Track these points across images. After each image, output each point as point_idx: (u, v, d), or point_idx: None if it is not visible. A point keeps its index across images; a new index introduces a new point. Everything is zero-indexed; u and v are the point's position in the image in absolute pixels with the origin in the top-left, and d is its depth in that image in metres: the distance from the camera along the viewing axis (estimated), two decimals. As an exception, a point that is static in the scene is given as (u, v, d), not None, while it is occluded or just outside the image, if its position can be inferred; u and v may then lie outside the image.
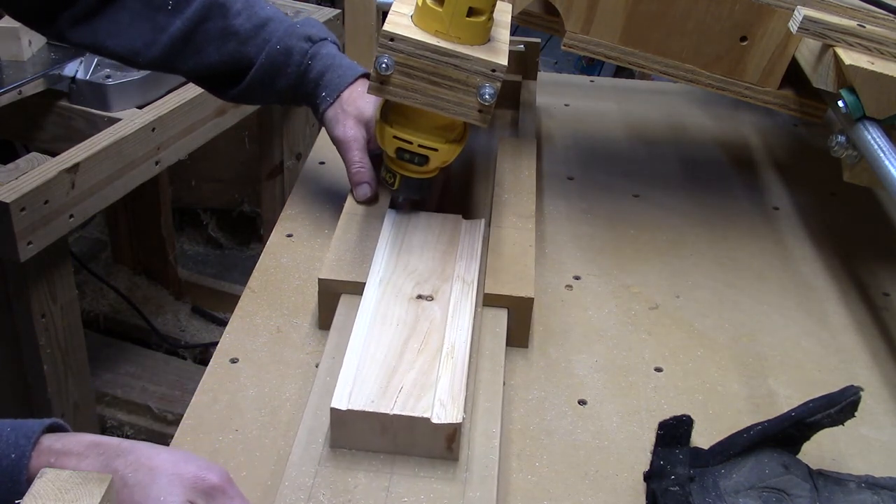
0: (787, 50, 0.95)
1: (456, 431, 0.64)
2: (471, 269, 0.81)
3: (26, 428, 0.57)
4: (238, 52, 0.90)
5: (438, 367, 0.69)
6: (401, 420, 0.64)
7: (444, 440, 0.65)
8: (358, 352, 0.70)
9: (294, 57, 0.90)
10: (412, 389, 0.66)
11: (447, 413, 0.65)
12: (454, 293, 0.78)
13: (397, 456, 0.66)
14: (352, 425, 0.65)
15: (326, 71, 0.90)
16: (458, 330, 0.73)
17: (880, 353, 0.87)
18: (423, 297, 0.77)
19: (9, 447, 0.56)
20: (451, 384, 0.67)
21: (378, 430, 0.65)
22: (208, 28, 0.89)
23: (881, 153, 0.81)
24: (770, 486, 0.64)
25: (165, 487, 0.55)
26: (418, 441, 0.65)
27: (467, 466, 0.65)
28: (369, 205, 0.91)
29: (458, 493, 0.63)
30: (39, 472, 0.55)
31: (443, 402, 0.65)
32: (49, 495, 0.56)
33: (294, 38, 0.90)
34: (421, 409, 0.65)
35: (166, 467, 0.57)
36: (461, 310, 0.76)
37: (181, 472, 0.57)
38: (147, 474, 0.56)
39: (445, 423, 0.64)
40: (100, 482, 0.56)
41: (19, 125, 1.42)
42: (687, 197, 1.10)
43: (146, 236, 2.00)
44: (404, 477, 0.64)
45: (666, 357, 0.84)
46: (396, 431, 0.65)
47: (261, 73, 0.90)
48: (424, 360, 0.70)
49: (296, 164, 1.89)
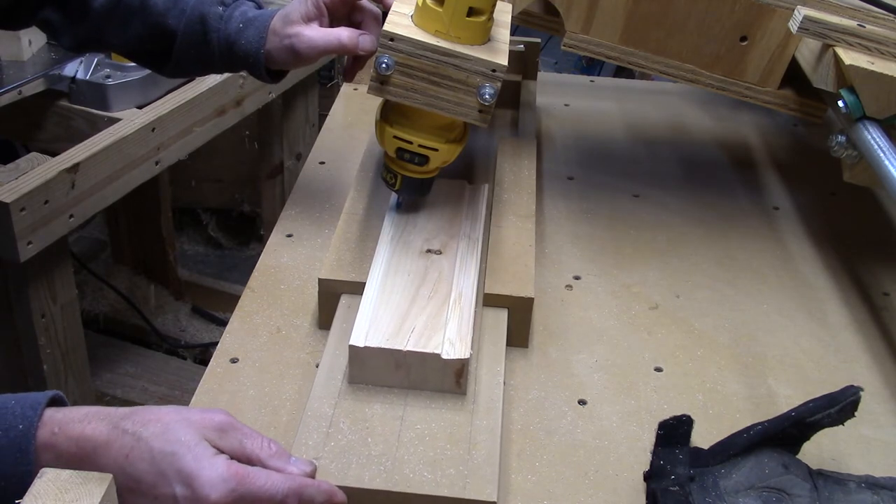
0: (787, 50, 0.95)
1: (464, 367, 0.71)
2: (475, 228, 0.87)
3: (31, 399, 0.58)
4: (160, 24, 0.89)
5: (447, 312, 0.75)
6: (413, 356, 0.70)
7: (454, 375, 0.71)
8: (373, 298, 0.76)
9: (210, 23, 0.88)
10: (423, 330, 0.72)
11: (456, 350, 0.71)
12: (460, 248, 0.84)
13: (410, 390, 0.72)
14: (368, 361, 0.71)
15: (246, 28, 0.88)
16: (465, 280, 0.79)
17: (880, 353, 0.87)
18: (432, 251, 0.83)
19: (15, 418, 0.57)
20: (458, 326, 0.73)
21: (392, 366, 0.71)
22: (130, 1, 0.89)
23: (881, 153, 0.81)
24: (770, 485, 0.64)
25: (180, 431, 0.58)
26: (429, 376, 0.71)
27: (474, 399, 0.71)
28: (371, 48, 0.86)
29: (466, 421, 0.69)
30: (40, 473, 0.55)
31: (451, 341, 0.72)
32: (49, 495, 0.56)
33: (207, 5, 0.89)
34: (432, 346, 0.71)
35: (173, 416, 0.59)
36: (467, 263, 0.82)
37: (188, 417, 0.60)
38: (158, 425, 0.58)
39: (454, 358, 0.70)
40: (100, 482, 0.56)
41: (19, 125, 1.42)
42: (687, 197, 1.10)
43: (146, 236, 2.00)
44: (417, 408, 0.70)
45: (666, 357, 0.84)
46: (409, 367, 0.71)
47: (185, 45, 0.90)
48: (434, 305, 0.76)
49: (296, 164, 1.89)
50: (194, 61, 0.91)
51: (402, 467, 0.65)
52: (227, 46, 0.88)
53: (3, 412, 0.57)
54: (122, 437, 0.58)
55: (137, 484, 0.57)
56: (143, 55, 0.94)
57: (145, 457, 0.57)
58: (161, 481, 0.57)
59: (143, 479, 0.57)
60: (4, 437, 0.56)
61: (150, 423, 0.59)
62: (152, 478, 0.57)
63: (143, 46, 0.92)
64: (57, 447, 0.58)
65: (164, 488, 0.57)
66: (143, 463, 0.57)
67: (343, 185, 1.05)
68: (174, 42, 0.90)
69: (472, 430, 0.69)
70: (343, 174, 1.08)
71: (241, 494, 0.58)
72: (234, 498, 0.57)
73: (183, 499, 0.57)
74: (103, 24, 0.90)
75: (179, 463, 0.57)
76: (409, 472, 0.65)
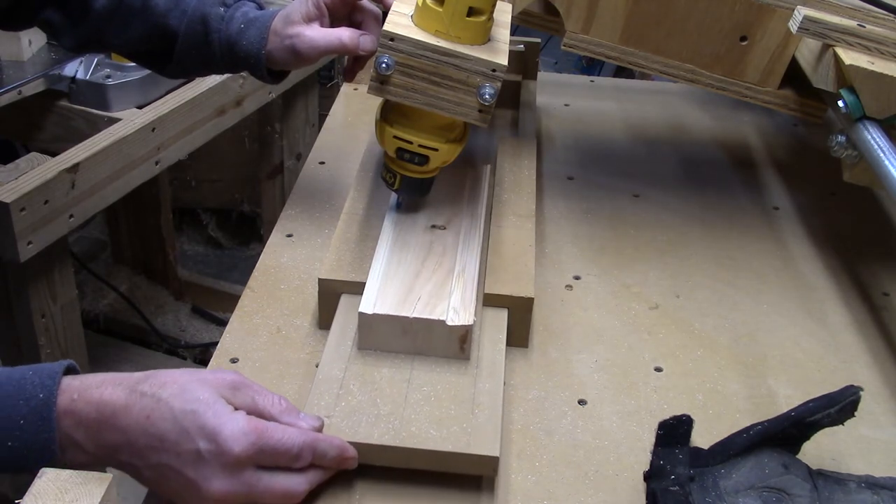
0: (787, 50, 0.95)
1: (468, 333, 0.74)
2: (478, 206, 0.91)
3: (47, 370, 0.60)
4: (161, 25, 0.89)
5: (452, 283, 0.78)
6: (419, 322, 0.74)
7: (458, 341, 0.74)
8: (380, 270, 0.79)
9: (211, 24, 0.88)
10: (429, 299, 0.76)
11: (460, 317, 0.74)
12: (464, 225, 0.87)
13: (416, 356, 0.75)
14: (377, 328, 0.74)
15: (247, 29, 0.88)
16: (468, 254, 0.83)
17: (880, 353, 0.87)
18: (437, 227, 0.87)
19: (35, 388, 0.59)
20: (462, 296, 0.77)
21: (399, 332, 0.74)
22: (131, 2, 0.89)
23: (881, 153, 0.81)
24: (770, 485, 0.64)
25: (198, 390, 0.61)
26: (435, 342, 0.74)
27: (477, 364, 0.75)
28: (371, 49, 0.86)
29: (469, 384, 0.72)
30: (40, 473, 0.55)
31: (456, 309, 0.75)
32: (49, 495, 0.56)
33: (208, 5, 0.89)
34: (437, 313, 0.74)
35: (188, 377, 0.62)
36: (470, 238, 0.85)
37: (202, 377, 0.63)
38: (175, 386, 0.61)
39: (458, 324, 0.73)
40: (100, 482, 0.56)
41: (19, 125, 1.42)
42: (687, 197, 1.10)
43: (146, 236, 2.00)
44: (423, 371, 0.73)
45: (666, 357, 0.84)
46: (416, 333, 0.74)
47: (186, 46, 0.90)
48: (439, 277, 0.79)
49: (296, 164, 1.89)
50: (195, 62, 0.91)
51: (408, 425, 0.68)
52: (229, 47, 0.88)
53: (22, 383, 0.59)
54: (140, 399, 0.60)
55: (161, 442, 0.60)
56: (143, 56, 0.94)
57: (167, 416, 0.60)
58: (184, 438, 0.60)
59: (166, 437, 0.60)
60: (26, 406, 0.58)
61: (167, 384, 0.61)
62: (175, 435, 0.60)
63: (144, 47, 0.92)
64: (77, 413, 0.60)
65: (187, 444, 0.60)
66: (165, 422, 0.60)
67: (343, 185, 1.05)
68: (175, 42, 0.90)
69: (475, 392, 0.71)
70: (343, 174, 1.08)
71: (261, 447, 0.61)
72: (254, 451, 0.60)
73: (207, 453, 0.60)
74: (104, 24, 0.90)
75: (201, 420, 0.60)
76: (416, 429, 0.67)
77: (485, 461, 0.66)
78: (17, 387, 0.59)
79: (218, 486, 0.60)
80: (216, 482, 0.60)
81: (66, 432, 0.60)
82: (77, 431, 0.60)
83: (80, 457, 0.61)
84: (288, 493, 0.63)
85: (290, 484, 0.63)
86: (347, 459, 0.65)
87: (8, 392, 0.59)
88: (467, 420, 0.69)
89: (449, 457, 0.66)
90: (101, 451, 0.61)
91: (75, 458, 0.61)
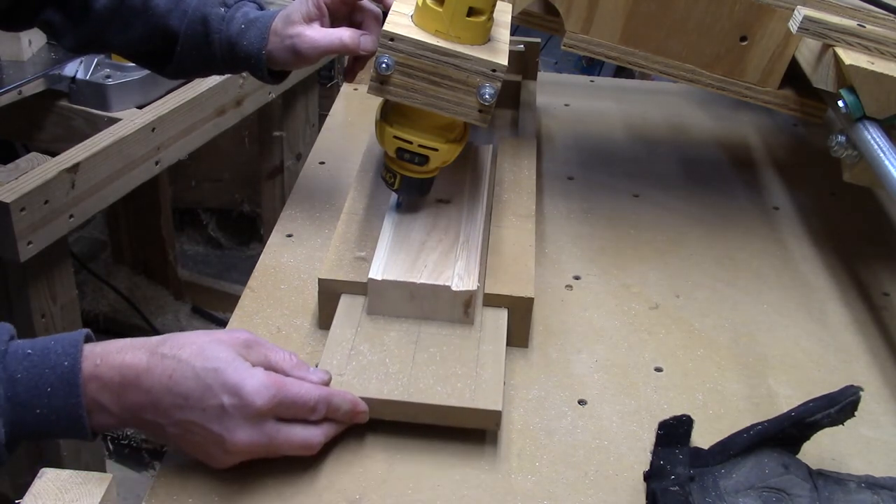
0: (787, 50, 0.95)
1: (472, 298, 0.78)
2: (481, 182, 0.94)
3: (68, 339, 0.63)
4: (162, 26, 0.89)
5: (456, 252, 0.82)
6: (426, 288, 0.77)
7: (462, 305, 0.78)
8: (388, 241, 0.83)
9: (212, 24, 0.88)
10: (435, 267, 0.80)
11: (464, 283, 0.78)
12: (467, 199, 0.91)
13: (423, 320, 0.79)
14: (385, 293, 0.78)
15: (247, 29, 0.88)
16: (472, 226, 0.86)
17: (880, 353, 0.87)
18: (442, 201, 0.90)
19: (59, 356, 0.62)
20: (466, 264, 0.81)
21: (407, 298, 0.78)
22: (132, 2, 0.89)
23: (881, 153, 0.81)
24: (770, 486, 0.64)
25: (215, 349, 0.65)
26: (440, 307, 0.78)
27: (481, 328, 0.78)
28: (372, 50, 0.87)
29: (473, 346, 0.76)
30: (40, 473, 0.55)
31: (460, 276, 0.79)
32: (49, 495, 0.56)
33: (209, 6, 0.89)
34: (443, 279, 0.78)
35: (204, 338, 0.66)
36: (474, 212, 0.89)
37: (218, 337, 0.66)
38: (193, 347, 0.65)
39: (463, 290, 0.77)
40: (100, 482, 0.56)
41: (19, 125, 1.42)
42: (687, 197, 1.10)
43: (146, 236, 2.00)
44: (429, 334, 0.77)
45: (666, 357, 0.84)
46: (422, 298, 0.78)
47: (187, 46, 0.90)
48: (444, 246, 0.83)
49: (296, 164, 1.89)
50: (196, 62, 0.91)
51: (416, 382, 0.72)
52: (229, 47, 0.88)
53: (46, 352, 0.62)
54: (162, 361, 0.63)
55: (185, 400, 0.63)
56: (144, 56, 0.94)
57: (189, 375, 0.63)
58: (208, 394, 0.63)
59: (190, 394, 0.63)
60: (53, 373, 0.61)
61: (186, 346, 0.64)
62: (199, 392, 0.63)
63: (144, 47, 0.92)
64: (101, 377, 0.63)
65: (211, 400, 0.63)
66: (188, 381, 0.63)
67: (343, 185, 1.05)
68: (176, 43, 0.90)
69: (479, 354, 0.75)
70: (343, 174, 1.08)
71: (280, 400, 0.65)
72: (275, 403, 0.64)
73: (231, 407, 0.63)
74: (105, 25, 0.90)
75: (223, 376, 0.63)
76: (423, 386, 0.71)
77: (488, 415, 0.70)
78: (42, 356, 0.62)
79: (242, 437, 0.64)
80: (240, 433, 0.64)
81: (91, 396, 0.62)
82: (102, 395, 0.63)
83: (106, 419, 0.64)
84: (305, 443, 0.67)
85: (307, 435, 0.67)
86: (359, 413, 0.70)
87: (34, 362, 0.61)
88: (471, 378, 0.73)
89: (454, 411, 0.70)
90: (125, 413, 0.64)
91: (101, 422, 0.64)
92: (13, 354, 0.62)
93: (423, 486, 0.68)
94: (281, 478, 0.68)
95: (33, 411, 0.61)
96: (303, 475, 0.68)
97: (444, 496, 0.67)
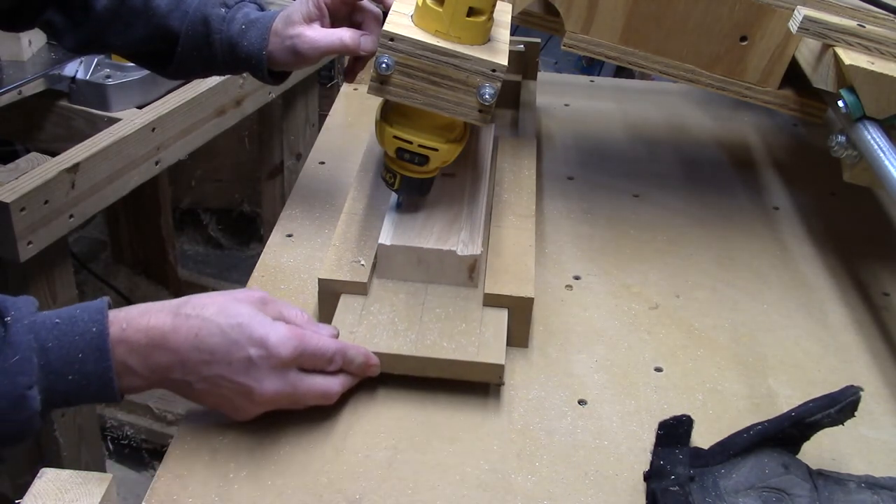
0: (787, 50, 0.95)
1: (476, 262, 0.82)
2: (484, 156, 0.98)
3: (92, 307, 0.65)
4: (162, 26, 0.90)
5: (461, 221, 0.86)
6: (433, 253, 0.82)
7: (467, 270, 0.82)
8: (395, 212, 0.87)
9: (213, 25, 0.88)
10: (441, 234, 0.84)
11: (468, 248, 0.82)
12: (469, 173, 0.94)
13: (430, 284, 0.83)
14: (394, 258, 0.82)
15: (248, 30, 0.88)
16: (475, 198, 0.90)
17: (880, 353, 0.87)
18: (447, 175, 0.93)
19: (86, 323, 0.64)
20: (471, 231, 0.85)
21: (415, 262, 0.82)
22: (133, 3, 0.89)
23: (881, 153, 0.81)
24: (770, 486, 0.64)
25: (236, 307, 0.68)
26: (446, 271, 0.82)
27: (484, 292, 0.81)
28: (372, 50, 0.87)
29: (477, 308, 0.80)
30: (40, 473, 0.55)
31: (465, 242, 0.83)
32: (49, 495, 0.56)
33: (209, 6, 0.89)
34: (449, 245, 0.82)
35: (223, 298, 0.69)
36: (477, 185, 0.92)
37: (236, 296, 0.70)
38: (214, 306, 0.68)
39: (468, 255, 0.82)
40: (100, 482, 0.56)
41: (19, 125, 1.42)
42: (687, 197, 1.11)
43: (146, 236, 2.00)
44: (436, 296, 0.82)
45: (666, 357, 0.84)
46: (429, 263, 0.82)
47: (187, 47, 0.90)
48: (449, 216, 0.87)
49: (296, 164, 1.89)
50: (196, 63, 0.91)
51: (424, 339, 0.76)
52: (230, 48, 0.88)
53: (74, 320, 0.64)
54: (187, 320, 0.67)
55: (212, 355, 0.67)
56: (145, 56, 0.94)
57: (215, 331, 0.67)
58: (234, 348, 0.67)
59: (216, 350, 0.66)
60: (82, 340, 0.63)
61: (207, 305, 0.68)
62: (226, 347, 0.67)
63: (145, 48, 0.92)
64: (128, 340, 0.65)
65: (238, 353, 0.67)
66: (214, 337, 0.66)
67: (343, 185, 1.05)
68: (176, 44, 0.90)
69: (482, 315, 0.79)
70: (343, 174, 1.08)
71: (302, 351, 0.69)
72: (297, 353, 0.68)
73: (258, 358, 0.67)
74: (106, 25, 0.90)
75: (248, 330, 0.67)
76: (430, 342, 0.76)
77: (491, 368, 0.75)
78: (70, 324, 0.64)
79: (269, 387, 0.68)
80: (267, 382, 0.68)
81: (120, 360, 0.65)
82: (130, 357, 0.65)
83: (134, 381, 0.66)
84: (325, 392, 0.71)
85: (326, 384, 0.71)
86: (371, 366, 0.74)
87: (63, 330, 0.63)
88: (476, 334, 0.77)
89: (459, 365, 0.75)
90: (153, 374, 0.66)
91: (130, 384, 0.66)
92: (42, 325, 0.63)
93: (422, 486, 0.68)
94: (281, 477, 0.68)
95: (65, 378, 0.63)
96: (303, 475, 0.68)
97: (444, 496, 0.68)
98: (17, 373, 0.61)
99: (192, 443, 0.71)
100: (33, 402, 0.61)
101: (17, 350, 0.61)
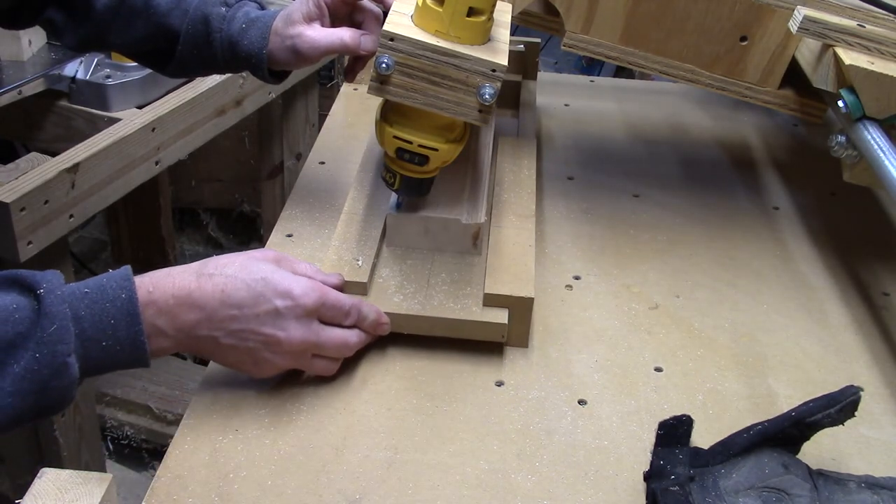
0: (787, 50, 0.95)
1: (479, 230, 0.86)
2: (487, 133, 1.02)
3: (119, 274, 0.68)
4: (163, 25, 0.90)
5: (465, 192, 0.90)
6: (438, 221, 0.87)
7: (471, 238, 0.87)
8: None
9: (213, 24, 0.89)
10: (446, 204, 0.88)
11: (472, 217, 0.87)
12: (472, 148, 0.97)
13: (436, 251, 0.88)
14: (402, 227, 0.87)
15: (248, 29, 0.88)
16: (477, 172, 0.94)
17: (880, 353, 0.87)
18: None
19: (115, 290, 0.66)
20: (474, 201, 0.89)
21: (422, 231, 0.87)
22: (133, 1, 0.90)
23: (881, 153, 0.81)
24: (770, 485, 0.64)
25: (256, 264, 0.72)
26: (451, 239, 0.87)
27: (487, 257, 0.86)
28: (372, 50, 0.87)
29: (480, 273, 0.85)
30: (40, 473, 0.55)
31: (469, 211, 0.88)
32: (49, 495, 0.56)
33: (210, 5, 0.89)
34: (454, 214, 0.87)
35: (241, 258, 0.73)
36: (479, 157, 0.96)
37: (253, 255, 0.74)
38: (236, 265, 0.72)
39: (472, 223, 0.86)
40: (100, 482, 0.56)
41: (19, 125, 1.42)
42: (687, 197, 1.11)
43: (146, 236, 2.00)
44: (442, 262, 0.87)
45: (666, 357, 0.84)
46: (435, 232, 0.87)
47: (188, 46, 0.90)
48: (453, 190, 0.91)
49: (296, 164, 1.89)
50: (197, 62, 0.91)
51: (431, 300, 0.81)
52: (230, 47, 0.88)
53: (102, 289, 0.66)
54: (211, 279, 0.70)
55: (239, 309, 0.70)
56: (145, 55, 0.94)
57: (240, 286, 0.70)
58: (260, 300, 0.70)
59: (243, 303, 0.70)
60: (113, 307, 0.65)
61: (229, 265, 0.71)
62: (252, 300, 0.70)
63: (145, 47, 0.92)
64: (156, 303, 0.68)
65: (264, 305, 0.71)
66: (239, 292, 0.70)
67: (343, 185, 1.05)
68: (177, 42, 0.90)
69: (486, 280, 0.82)
70: (343, 174, 1.08)
71: (324, 302, 0.73)
72: (319, 304, 0.73)
73: (284, 308, 0.71)
74: (106, 24, 0.91)
75: (272, 284, 0.71)
76: (437, 303, 0.81)
77: (495, 327, 0.79)
78: (100, 293, 0.66)
79: (296, 334, 0.72)
80: (294, 331, 0.72)
81: (150, 322, 0.67)
82: (159, 319, 0.68)
83: (162, 342, 0.69)
84: (344, 342, 0.76)
85: (345, 335, 0.76)
86: (382, 325, 0.79)
87: (93, 299, 0.65)
88: (480, 297, 0.81)
89: (465, 324, 0.79)
90: (180, 334, 0.69)
91: (159, 346, 0.69)
92: (72, 295, 0.65)
93: (423, 486, 0.68)
94: (281, 477, 0.68)
95: (99, 345, 0.65)
96: (303, 475, 0.68)
97: (444, 496, 0.68)
98: (56, 342, 0.62)
99: (192, 443, 0.71)
100: (73, 369, 0.63)
101: (55, 320, 0.62)
